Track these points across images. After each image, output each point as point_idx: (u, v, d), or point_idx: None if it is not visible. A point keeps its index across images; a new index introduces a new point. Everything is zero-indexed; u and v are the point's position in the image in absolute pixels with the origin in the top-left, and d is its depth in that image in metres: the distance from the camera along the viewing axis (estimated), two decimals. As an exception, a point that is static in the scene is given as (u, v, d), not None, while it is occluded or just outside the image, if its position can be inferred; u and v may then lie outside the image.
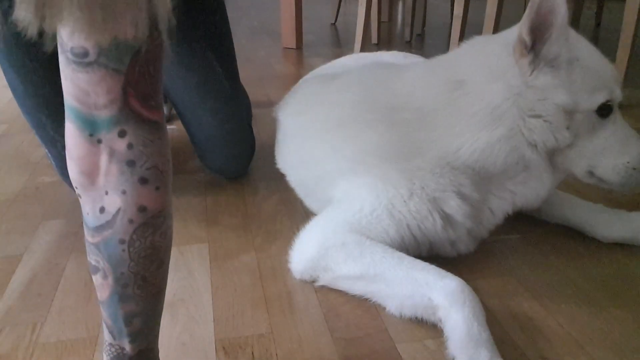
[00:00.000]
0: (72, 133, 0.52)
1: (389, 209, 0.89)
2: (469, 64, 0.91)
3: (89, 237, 0.55)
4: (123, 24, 0.47)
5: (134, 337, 0.57)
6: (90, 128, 0.51)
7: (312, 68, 1.48)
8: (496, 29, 1.84)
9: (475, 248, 0.97)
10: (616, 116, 0.88)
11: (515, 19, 0.89)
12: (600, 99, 0.85)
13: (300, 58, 2.57)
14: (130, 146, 0.51)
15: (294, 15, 2.69)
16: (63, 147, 1.11)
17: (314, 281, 0.90)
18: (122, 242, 0.53)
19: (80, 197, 0.54)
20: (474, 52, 0.93)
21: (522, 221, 1.09)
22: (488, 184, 0.90)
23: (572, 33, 0.87)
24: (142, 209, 0.52)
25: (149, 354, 0.60)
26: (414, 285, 0.81)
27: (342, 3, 3.44)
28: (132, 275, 0.54)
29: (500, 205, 0.93)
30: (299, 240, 0.93)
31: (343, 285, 0.88)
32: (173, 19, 0.50)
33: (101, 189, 0.52)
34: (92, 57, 0.49)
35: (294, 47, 2.72)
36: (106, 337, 0.59)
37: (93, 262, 0.55)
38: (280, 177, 1.22)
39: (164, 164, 0.54)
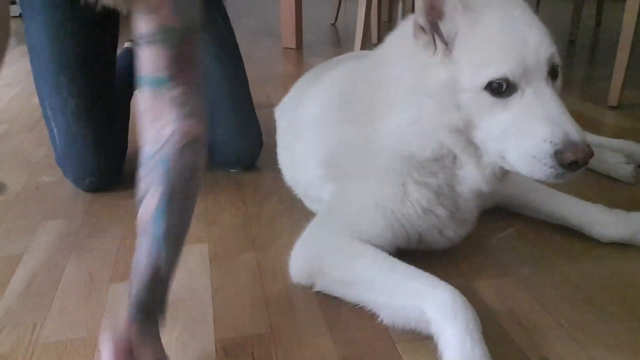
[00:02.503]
0: (146, 96, 0.76)
1: (372, 198, 0.89)
2: (390, 45, 0.90)
3: (144, 168, 0.74)
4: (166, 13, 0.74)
5: (172, 256, 0.73)
6: (158, 86, 0.76)
7: (312, 68, 1.48)
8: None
9: (465, 234, 0.95)
10: (527, 95, 0.75)
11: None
12: (486, 75, 0.74)
13: (300, 58, 2.57)
14: (181, 94, 0.76)
15: (294, 15, 2.69)
16: (73, 113, 1.19)
17: (312, 287, 0.90)
18: (175, 153, 0.74)
19: (145, 131, 0.76)
20: (397, 33, 0.90)
21: (522, 222, 1.09)
22: (442, 168, 0.86)
23: (489, 5, 0.78)
24: (186, 134, 0.75)
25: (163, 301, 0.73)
26: (406, 295, 0.78)
27: (342, 3, 3.45)
28: (177, 189, 0.73)
29: (463, 189, 0.88)
30: (297, 244, 0.93)
31: (338, 292, 0.86)
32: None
33: (163, 121, 0.76)
34: (151, 37, 0.74)
35: (294, 47, 2.72)
36: (133, 288, 0.68)
37: (143, 189, 0.73)
38: (280, 177, 1.22)
39: (200, 109, 0.78)
